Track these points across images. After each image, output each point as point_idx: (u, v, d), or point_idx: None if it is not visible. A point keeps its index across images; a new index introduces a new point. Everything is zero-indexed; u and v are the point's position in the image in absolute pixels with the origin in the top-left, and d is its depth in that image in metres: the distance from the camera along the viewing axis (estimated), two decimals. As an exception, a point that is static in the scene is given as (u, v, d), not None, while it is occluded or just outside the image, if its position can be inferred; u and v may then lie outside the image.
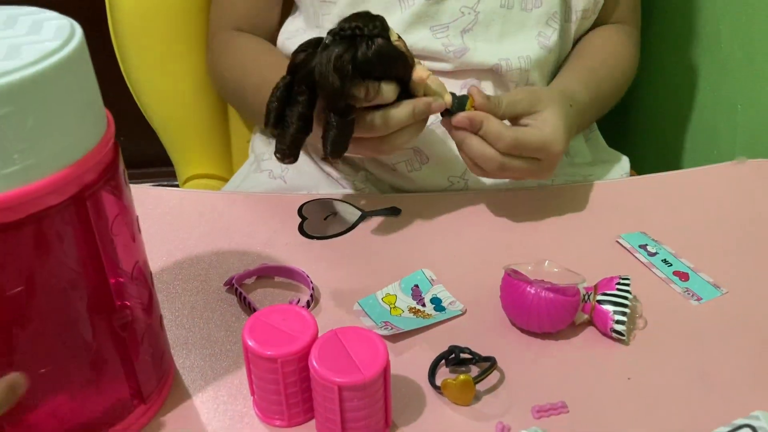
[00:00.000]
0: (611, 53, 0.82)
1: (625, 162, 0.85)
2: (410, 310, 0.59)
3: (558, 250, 0.67)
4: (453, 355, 0.54)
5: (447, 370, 0.54)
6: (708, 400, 0.52)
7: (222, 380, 0.54)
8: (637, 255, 0.66)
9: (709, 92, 0.95)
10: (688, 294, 0.62)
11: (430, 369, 0.53)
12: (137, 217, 0.48)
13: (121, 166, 0.45)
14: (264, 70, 0.76)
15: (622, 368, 0.55)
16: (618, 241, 0.68)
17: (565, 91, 0.72)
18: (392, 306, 0.60)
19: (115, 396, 0.48)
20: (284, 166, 0.80)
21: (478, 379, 0.51)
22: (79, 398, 0.47)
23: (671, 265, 0.65)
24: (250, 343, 0.47)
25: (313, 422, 0.50)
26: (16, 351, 0.42)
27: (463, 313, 0.59)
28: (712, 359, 0.55)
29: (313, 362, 0.45)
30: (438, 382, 0.52)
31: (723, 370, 0.54)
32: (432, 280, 0.62)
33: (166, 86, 0.92)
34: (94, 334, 0.45)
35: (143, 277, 0.49)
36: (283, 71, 0.64)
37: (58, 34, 0.39)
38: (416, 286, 0.62)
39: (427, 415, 0.51)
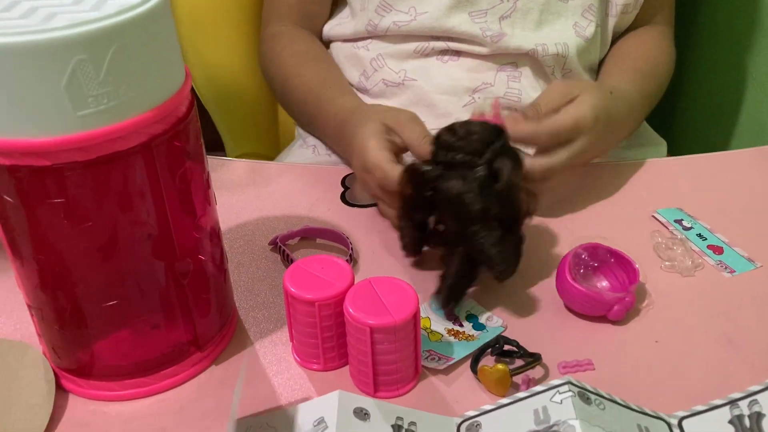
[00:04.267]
0: (651, 53, 0.82)
1: (662, 147, 0.85)
2: (449, 332, 0.56)
3: (594, 222, 0.68)
4: (497, 345, 0.53)
5: (492, 359, 0.53)
6: (734, 365, 0.53)
7: (263, 329, 0.57)
8: (671, 228, 0.67)
9: (756, 88, 0.95)
10: (721, 266, 0.62)
11: (474, 357, 0.53)
12: (208, 174, 0.50)
13: (194, 122, 0.47)
14: (304, 80, 0.80)
15: (651, 332, 0.56)
16: (654, 216, 0.69)
17: (609, 86, 0.72)
18: (429, 331, 0.56)
19: (173, 340, 0.51)
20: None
21: (516, 372, 0.51)
22: (140, 336, 0.50)
23: (706, 239, 0.65)
24: (290, 288, 0.50)
25: (347, 368, 0.53)
26: (85, 283, 0.46)
27: (505, 328, 0.56)
28: (741, 327, 0.56)
29: (348, 306, 0.48)
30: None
31: (752, 337, 0.55)
32: None
33: (219, 66, 0.96)
34: (157, 278, 0.48)
35: (215, 233, 0.52)
36: (329, 85, 0.72)
37: None
38: None
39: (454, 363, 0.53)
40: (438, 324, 0.57)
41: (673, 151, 0.87)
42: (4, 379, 0.49)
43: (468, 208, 0.52)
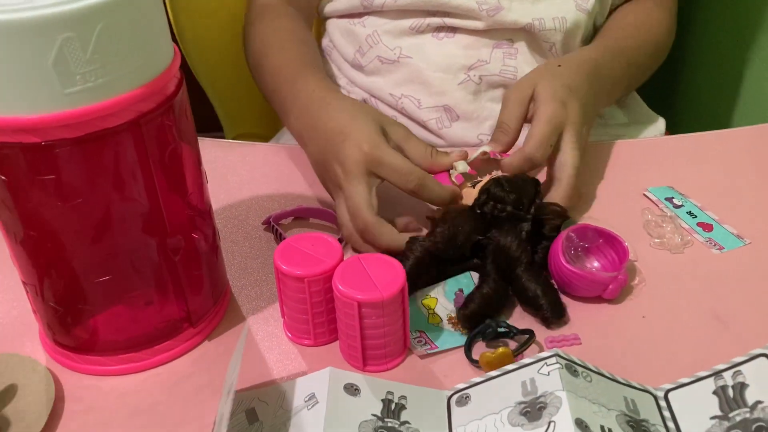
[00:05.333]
0: (641, 24, 0.81)
1: (660, 123, 0.85)
2: (449, 320, 0.56)
3: (586, 199, 0.68)
4: (490, 330, 0.53)
5: (484, 344, 0.54)
6: (720, 339, 0.54)
7: (256, 306, 0.58)
8: (662, 206, 0.67)
9: (758, 63, 0.95)
10: (711, 243, 0.63)
11: (466, 343, 0.53)
12: (199, 152, 0.51)
13: (183, 100, 0.48)
14: (284, 57, 0.76)
15: (638, 307, 0.57)
16: (645, 194, 0.69)
17: (556, 60, 0.72)
18: (431, 312, 0.56)
19: (166, 315, 0.52)
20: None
21: (517, 352, 0.51)
22: (133, 311, 0.51)
23: (696, 216, 0.66)
24: (280, 264, 0.51)
25: (337, 344, 0.53)
26: (78, 259, 0.47)
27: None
28: (728, 303, 0.57)
29: (337, 282, 0.49)
30: (475, 356, 0.52)
31: (738, 312, 0.56)
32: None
33: (216, 46, 0.96)
34: (149, 254, 0.49)
35: (206, 211, 0.52)
36: (310, 65, 0.70)
37: None
38: (460, 290, 0.58)
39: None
40: (442, 308, 0.56)
41: (674, 129, 0.87)
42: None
43: (515, 257, 0.57)
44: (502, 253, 0.57)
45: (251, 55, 0.82)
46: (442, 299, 0.57)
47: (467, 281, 0.59)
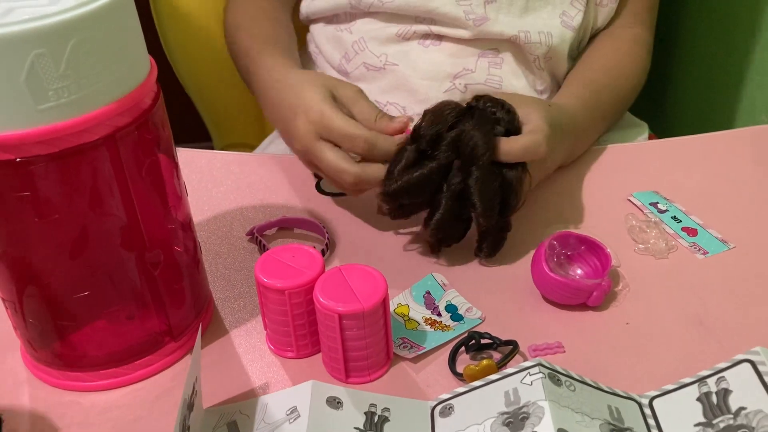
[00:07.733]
0: (614, 62, 0.80)
1: (643, 128, 0.85)
2: (426, 321, 0.56)
3: (570, 205, 0.68)
4: (473, 342, 0.53)
5: (468, 356, 0.53)
6: (704, 345, 0.53)
7: (239, 318, 0.57)
8: (646, 211, 0.67)
9: (744, 66, 0.95)
10: (695, 248, 0.63)
11: (450, 356, 0.53)
12: (178, 165, 0.51)
13: (160, 113, 0.48)
14: (251, 36, 0.77)
15: (622, 314, 0.56)
16: (629, 199, 0.69)
17: (549, 101, 0.72)
18: (406, 318, 0.56)
19: (147, 330, 0.52)
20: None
21: (501, 364, 0.51)
22: (114, 326, 0.51)
23: (680, 221, 0.66)
24: (261, 277, 0.51)
25: (320, 355, 0.53)
26: (56, 275, 0.47)
27: (483, 320, 0.56)
28: (712, 308, 0.56)
29: (317, 294, 0.49)
30: (459, 369, 0.51)
31: (722, 317, 0.56)
32: (444, 284, 0.60)
33: (203, 58, 0.96)
34: (127, 269, 0.48)
35: (186, 224, 0.52)
36: (273, 42, 0.69)
37: None
38: (428, 292, 0.59)
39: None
40: (416, 312, 0.57)
41: (659, 133, 0.87)
42: None
43: (478, 152, 0.57)
44: (467, 142, 0.57)
45: (227, 40, 0.82)
46: (413, 304, 0.58)
47: (432, 283, 0.59)
